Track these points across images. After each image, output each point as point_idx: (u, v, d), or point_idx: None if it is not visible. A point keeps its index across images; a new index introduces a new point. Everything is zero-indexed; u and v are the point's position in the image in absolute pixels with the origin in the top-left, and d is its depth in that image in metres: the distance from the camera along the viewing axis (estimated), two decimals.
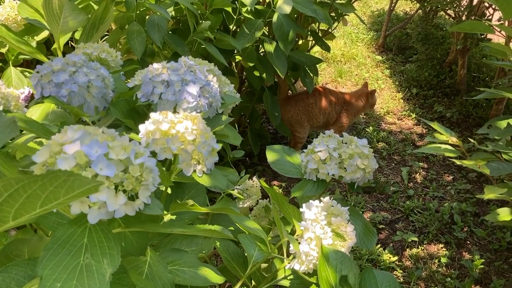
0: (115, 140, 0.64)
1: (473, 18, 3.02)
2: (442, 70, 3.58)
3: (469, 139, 1.40)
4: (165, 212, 0.87)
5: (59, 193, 0.47)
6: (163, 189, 0.96)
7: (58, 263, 0.58)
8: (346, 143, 1.12)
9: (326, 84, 3.55)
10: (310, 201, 0.98)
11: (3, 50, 1.54)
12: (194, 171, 0.76)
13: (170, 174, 0.81)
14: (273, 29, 1.73)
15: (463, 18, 3.12)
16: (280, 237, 1.00)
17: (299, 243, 0.92)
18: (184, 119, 0.78)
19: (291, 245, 0.92)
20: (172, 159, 0.76)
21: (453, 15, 3.28)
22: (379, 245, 1.98)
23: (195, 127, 0.77)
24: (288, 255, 0.97)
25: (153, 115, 0.79)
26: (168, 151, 0.74)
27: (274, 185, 2.30)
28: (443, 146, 1.32)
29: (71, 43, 2.14)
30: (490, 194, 1.27)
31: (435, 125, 1.36)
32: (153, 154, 0.75)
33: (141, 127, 0.78)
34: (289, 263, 0.96)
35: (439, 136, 1.31)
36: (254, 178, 1.35)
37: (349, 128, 2.90)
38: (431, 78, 3.51)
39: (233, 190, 1.31)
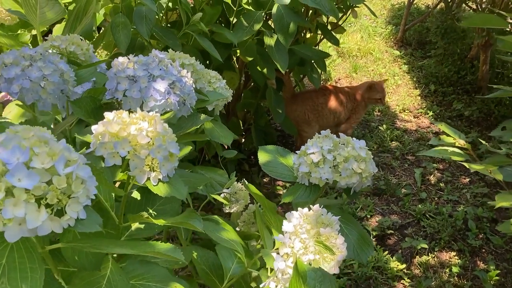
0: (45, 145, 0.55)
1: (496, 11, 2.85)
2: (463, 66, 3.41)
3: (481, 141, 1.27)
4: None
5: None
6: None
7: None
8: (343, 144, 1.03)
9: (339, 80, 3.42)
10: (298, 209, 0.89)
11: None
12: (149, 178, 0.68)
13: (128, 182, 0.72)
14: (273, 21, 1.63)
15: (486, 11, 2.95)
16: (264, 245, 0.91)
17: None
18: (140, 119, 0.70)
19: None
20: (124, 164, 0.68)
21: (475, 7, 3.11)
22: (386, 252, 1.86)
23: (151, 129, 0.68)
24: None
25: (107, 114, 0.70)
26: (117, 157, 0.65)
27: (278, 185, 2.20)
28: (450, 149, 1.20)
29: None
30: (502, 202, 1.15)
31: (442, 126, 1.24)
32: (103, 158, 0.67)
33: (93, 128, 0.69)
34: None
35: (446, 138, 1.20)
36: (244, 180, 1.25)
37: (361, 126, 2.78)
38: (451, 74, 3.35)
39: (221, 193, 1.22)
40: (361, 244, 1.06)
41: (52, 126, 0.95)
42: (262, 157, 1.11)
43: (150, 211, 0.88)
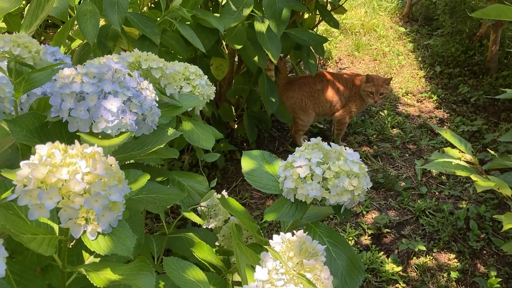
0: None
1: None
2: (471, 45, 3.23)
3: (490, 151, 1.14)
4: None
5: None
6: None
7: None
8: (334, 154, 0.91)
9: (340, 60, 3.25)
10: (280, 234, 0.78)
11: None
12: (85, 231, 0.56)
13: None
14: (263, 7, 1.47)
15: None
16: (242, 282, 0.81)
17: None
18: (78, 157, 0.57)
19: None
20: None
21: None
22: (382, 253, 1.76)
23: (89, 170, 0.56)
24: None
25: (39, 148, 0.58)
26: (43, 209, 0.53)
27: None
28: (455, 161, 1.07)
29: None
30: (509, 224, 1.03)
31: (447, 135, 1.11)
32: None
33: (22, 165, 0.57)
34: None
35: (451, 151, 1.07)
36: (224, 192, 1.13)
37: (361, 111, 2.64)
38: (458, 54, 3.17)
39: (197, 207, 1.11)
40: (350, 270, 0.95)
41: None
42: (246, 164, 1.00)
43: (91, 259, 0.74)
